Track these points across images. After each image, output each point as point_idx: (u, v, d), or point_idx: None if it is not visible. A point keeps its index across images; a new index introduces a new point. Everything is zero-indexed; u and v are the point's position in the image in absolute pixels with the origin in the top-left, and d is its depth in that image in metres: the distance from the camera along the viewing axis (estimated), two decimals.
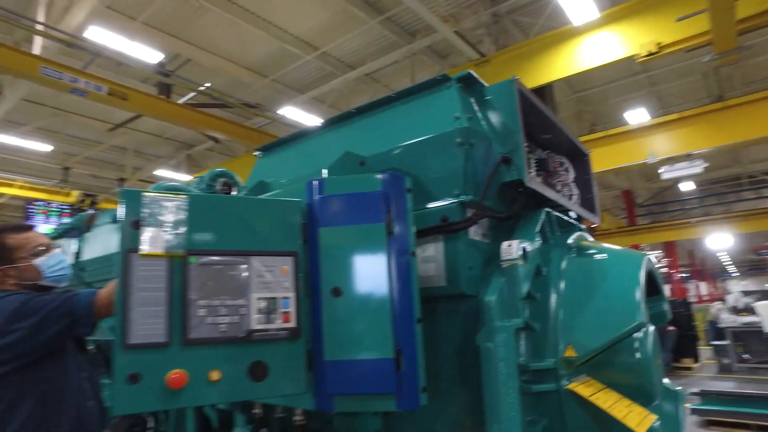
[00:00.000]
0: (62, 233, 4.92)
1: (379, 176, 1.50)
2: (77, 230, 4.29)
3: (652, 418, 1.64)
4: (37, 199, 13.84)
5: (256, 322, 1.41)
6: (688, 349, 11.55)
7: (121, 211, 1.37)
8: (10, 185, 13.20)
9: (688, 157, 8.74)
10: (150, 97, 8.74)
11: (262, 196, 1.69)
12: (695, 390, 7.00)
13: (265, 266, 1.45)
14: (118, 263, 1.34)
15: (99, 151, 15.44)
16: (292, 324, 1.43)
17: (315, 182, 1.53)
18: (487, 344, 1.53)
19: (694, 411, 6.83)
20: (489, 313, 1.54)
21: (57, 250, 1.89)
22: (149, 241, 1.38)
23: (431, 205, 1.76)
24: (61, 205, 14.39)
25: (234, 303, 1.40)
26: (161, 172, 15.79)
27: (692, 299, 22.48)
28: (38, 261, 1.82)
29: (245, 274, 1.43)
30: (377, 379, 1.38)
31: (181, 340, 1.35)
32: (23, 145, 12.52)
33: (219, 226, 1.43)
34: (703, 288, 33.19)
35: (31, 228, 1.95)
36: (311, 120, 10.59)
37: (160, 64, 9.32)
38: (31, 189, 13.69)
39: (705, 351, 12.92)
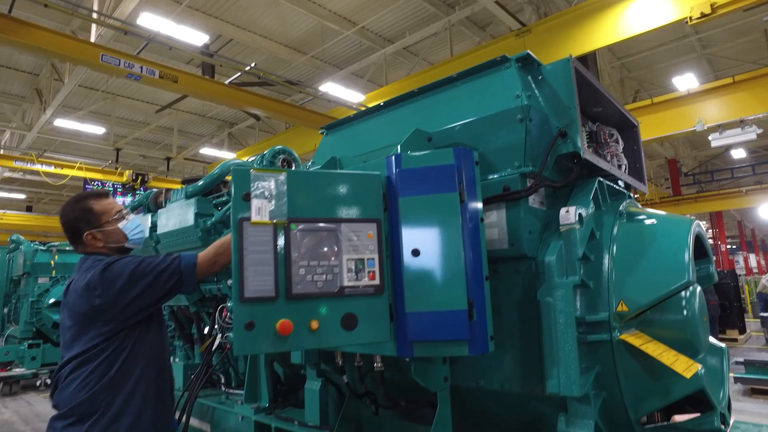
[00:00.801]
0: (130, 210, 5.35)
1: (452, 151, 1.69)
2: (144, 207, 4.68)
3: (696, 366, 1.80)
4: (93, 179, 14.70)
5: (346, 279, 1.63)
6: (734, 321, 11.35)
7: (233, 185, 1.62)
8: (72, 167, 14.05)
9: (740, 123, 8.42)
10: (198, 79, 9.11)
11: (346, 171, 1.90)
12: (739, 359, 6.98)
13: (353, 231, 1.67)
14: (233, 230, 1.59)
15: (146, 131, 16.16)
16: (377, 282, 1.66)
17: (393, 157, 1.73)
18: (547, 299, 1.72)
19: (737, 380, 6.85)
20: (549, 271, 1.73)
21: (133, 215, 2.01)
22: (257, 211, 1.60)
23: (493, 176, 1.94)
24: (115, 184, 15.23)
25: (328, 263, 1.62)
26: (206, 151, 16.41)
27: (740, 271, 21.74)
28: (121, 225, 1.95)
29: (337, 238, 1.65)
30: (452, 327, 1.60)
31: (286, 294, 1.56)
32: (80, 129, 13.25)
33: (313, 197, 1.65)
34: (753, 260, 31.90)
35: (108, 194, 2.05)
36: (350, 95, 10.74)
37: (205, 46, 9.64)
38: (88, 170, 14.55)
39: (752, 323, 12.64)
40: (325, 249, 1.64)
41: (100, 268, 1.75)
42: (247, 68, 9.51)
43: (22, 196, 22.53)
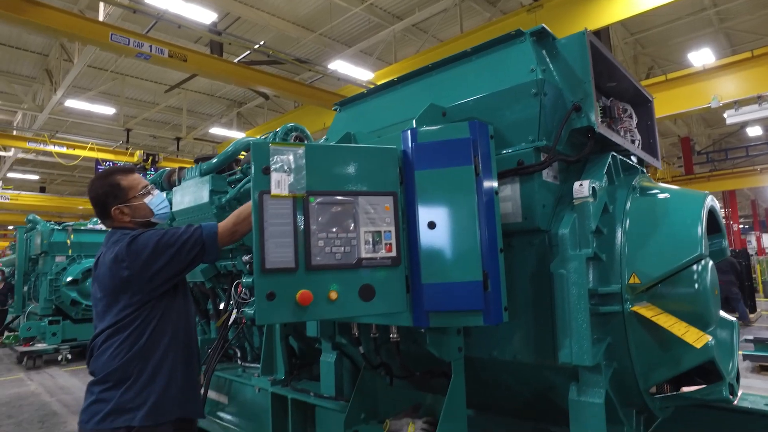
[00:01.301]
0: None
1: (467, 124, 1.71)
2: (158, 186, 4.74)
3: (707, 338, 1.83)
4: (105, 160, 14.83)
5: (364, 251, 1.67)
6: (745, 301, 11.31)
7: (252, 159, 1.65)
8: (84, 147, 14.17)
9: (758, 99, 8.24)
10: (207, 57, 9.08)
11: (363, 145, 1.92)
12: (749, 337, 7.01)
13: (370, 204, 1.70)
14: (253, 203, 1.63)
15: (156, 111, 16.19)
16: (393, 253, 1.69)
17: (408, 131, 1.75)
18: (560, 271, 1.76)
19: (746, 357, 6.89)
20: (563, 244, 1.76)
21: (158, 191, 2.04)
22: (276, 184, 1.63)
23: (507, 150, 1.95)
24: (126, 164, 15.34)
25: (346, 235, 1.66)
26: (215, 130, 16.43)
27: (752, 251, 21.56)
28: (147, 200, 1.99)
29: (354, 211, 1.68)
30: (468, 298, 1.64)
31: (305, 265, 1.61)
32: (91, 109, 13.31)
33: (331, 170, 1.68)
34: (766, 239, 31.54)
35: (134, 170, 2.09)
36: (359, 73, 10.65)
37: (213, 24, 9.58)
38: (100, 150, 14.67)
39: (763, 303, 12.60)
40: (343, 221, 1.68)
41: (127, 241, 1.80)
42: (256, 46, 9.45)
43: (36, 177, 22.81)
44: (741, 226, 26.56)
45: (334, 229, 1.66)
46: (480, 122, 1.74)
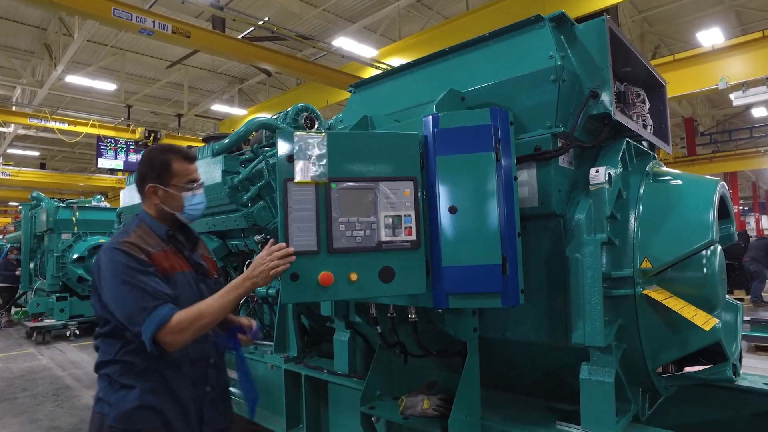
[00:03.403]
0: None
1: (488, 111, 1.73)
2: None
3: (714, 321, 1.89)
4: (107, 137, 14.75)
5: (384, 235, 1.73)
6: (742, 282, 11.43)
7: (278, 147, 1.68)
8: (85, 124, 14.08)
9: (766, 80, 8.17)
10: (211, 34, 8.96)
11: (383, 132, 1.95)
12: (746, 318, 7.15)
13: (391, 189, 1.74)
14: (278, 188, 1.68)
15: (157, 88, 16.04)
16: (413, 237, 1.74)
17: (430, 117, 1.78)
18: (575, 255, 1.81)
19: (743, 337, 7.03)
20: (578, 229, 1.81)
21: (201, 191, 1.87)
22: (300, 171, 1.69)
23: (525, 135, 1.98)
24: (128, 141, 15.29)
25: (367, 220, 1.72)
26: (217, 107, 16.31)
27: (751, 232, 21.65)
28: (186, 194, 1.82)
29: (375, 195, 1.73)
30: (487, 281, 1.70)
31: (327, 248, 1.67)
32: (91, 85, 13.18)
33: (352, 157, 1.72)
34: (765, 221, 31.66)
35: (195, 159, 1.91)
36: (363, 50, 10.53)
37: None
38: (101, 127, 14.57)
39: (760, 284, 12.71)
40: (364, 206, 1.73)
41: (102, 251, 1.70)
42: (260, 22, 9.31)
43: (36, 153, 22.72)
44: (741, 207, 26.61)
45: (355, 214, 1.72)
46: (500, 109, 1.77)
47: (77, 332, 9.03)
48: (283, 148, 1.69)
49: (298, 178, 1.68)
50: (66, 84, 13.52)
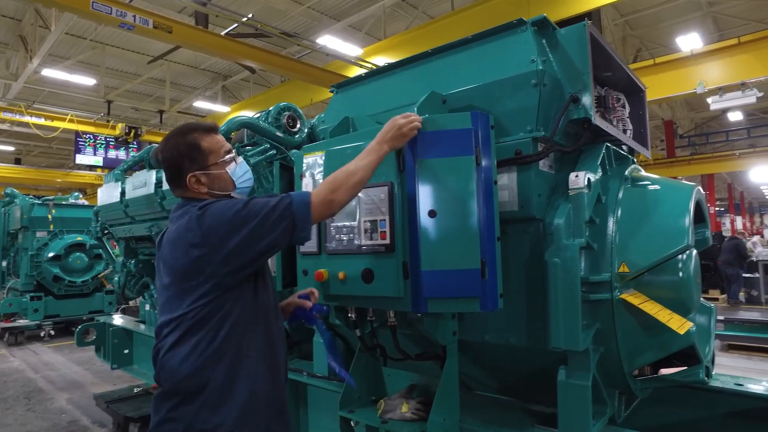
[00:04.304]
0: (131, 166, 5.35)
1: (469, 115, 1.73)
2: (146, 163, 4.68)
3: (689, 324, 1.92)
4: (85, 132, 14.43)
5: (363, 238, 1.81)
6: (717, 282, 11.71)
7: (295, 167, 2.14)
8: (63, 119, 13.75)
9: (741, 86, 8.38)
10: (193, 29, 8.82)
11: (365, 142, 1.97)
12: (720, 317, 7.32)
13: (368, 195, 1.82)
14: None
15: (138, 83, 15.75)
16: (387, 241, 1.77)
17: None
18: (554, 260, 1.81)
19: (716, 336, 7.22)
20: (557, 233, 1.81)
21: (241, 158, 1.69)
22: (305, 186, 2.07)
23: (505, 139, 1.98)
24: (108, 137, 14.99)
25: (351, 224, 1.86)
26: (199, 104, 16.10)
27: (726, 233, 22.16)
28: (230, 169, 1.63)
29: (358, 202, 1.84)
30: (466, 285, 1.69)
31: (324, 250, 1.99)
32: (69, 79, 12.88)
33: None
34: (739, 222, 32.50)
35: (216, 128, 1.69)
36: (348, 49, 10.48)
37: None
38: (80, 122, 14.25)
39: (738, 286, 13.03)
40: (349, 212, 1.86)
41: (196, 214, 1.45)
42: (244, 19, 9.20)
43: (11, 149, 22.13)
44: (717, 209, 27.27)
45: (345, 219, 1.89)
46: (481, 112, 1.76)
47: (52, 332, 8.82)
48: (297, 167, 2.14)
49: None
50: (42, 77, 13.19)
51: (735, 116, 16.63)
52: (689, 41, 9.37)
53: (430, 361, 2.16)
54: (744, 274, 11.39)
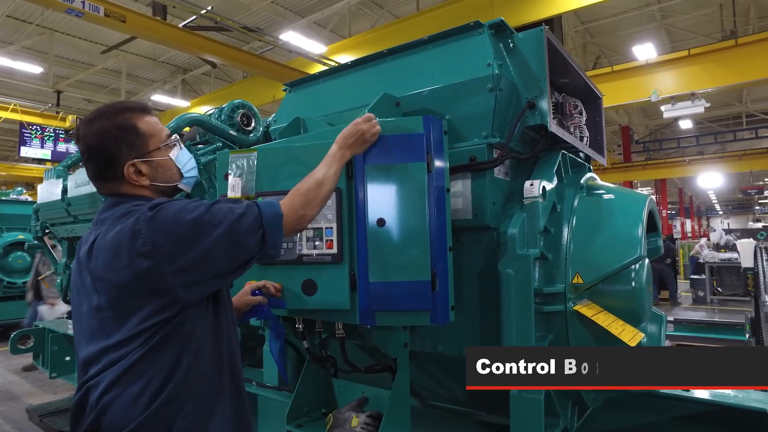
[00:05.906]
0: (75, 162, 5.03)
1: (421, 119, 1.64)
2: None
3: (640, 336, 1.92)
4: (31, 123, 13.63)
5: (305, 248, 1.69)
6: (667, 283, 12.21)
7: (218, 166, 1.82)
8: (6, 108, 12.92)
9: (691, 96, 8.74)
10: (149, 20, 8.44)
11: (308, 143, 1.83)
12: (669, 318, 7.62)
13: None
14: None
15: (91, 74, 15.01)
16: (334, 250, 1.66)
17: None
18: (507, 271, 1.76)
19: (666, 337, 7.50)
20: (511, 243, 1.76)
21: (182, 144, 1.42)
22: (231, 188, 1.79)
23: (460, 144, 1.92)
24: (57, 129, 14.20)
25: None
26: (157, 98, 15.48)
27: (676, 235, 23.22)
28: (174, 155, 1.35)
29: None
30: (415, 298, 1.61)
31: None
32: (12, 66, 12.10)
33: (279, 171, 1.73)
34: (688, 225, 34.13)
35: (150, 110, 1.39)
36: (312, 46, 10.29)
37: None
38: (25, 113, 13.43)
39: (683, 284, 13.66)
40: None
41: (146, 215, 1.15)
42: (203, 12, 8.86)
43: None
44: (669, 212, 28.53)
45: None
46: (434, 117, 1.69)
47: None
48: (221, 167, 1.83)
49: (230, 194, 1.75)
50: None
51: (686, 124, 17.40)
52: (644, 51, 9.71)
53: (382, 373, 2.07)
54: (691, 276, 11.92)
